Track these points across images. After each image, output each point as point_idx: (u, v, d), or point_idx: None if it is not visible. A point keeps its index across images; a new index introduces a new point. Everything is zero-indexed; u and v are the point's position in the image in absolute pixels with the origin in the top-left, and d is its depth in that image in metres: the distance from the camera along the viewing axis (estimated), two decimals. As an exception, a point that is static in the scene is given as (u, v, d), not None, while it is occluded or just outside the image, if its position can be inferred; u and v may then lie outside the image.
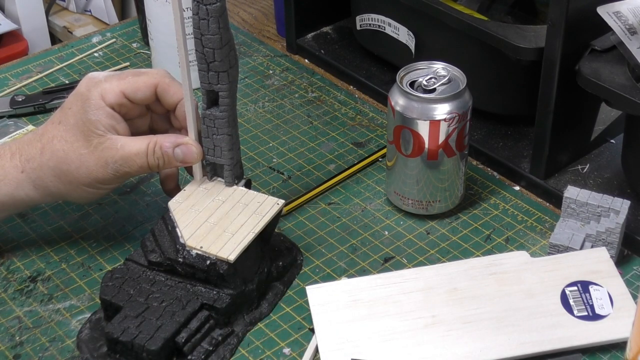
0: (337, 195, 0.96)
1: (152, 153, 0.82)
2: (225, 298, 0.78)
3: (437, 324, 0.78)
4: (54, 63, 1.18)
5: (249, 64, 1.17)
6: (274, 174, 0.99)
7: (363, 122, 1.07)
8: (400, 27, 1.04)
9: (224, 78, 0.79)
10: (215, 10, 0.76)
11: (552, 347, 0.77)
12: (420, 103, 0.86)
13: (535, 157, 0.94)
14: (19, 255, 0.89)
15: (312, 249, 0.89)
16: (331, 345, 0.77)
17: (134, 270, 0.80)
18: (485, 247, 0.89)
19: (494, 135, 1.02)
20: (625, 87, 0.83)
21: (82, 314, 0.82)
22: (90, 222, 0.93)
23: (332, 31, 1.20)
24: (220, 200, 0.83)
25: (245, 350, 0.79)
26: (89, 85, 0.82)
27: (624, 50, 0.85)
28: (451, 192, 0.91)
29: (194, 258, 0.78)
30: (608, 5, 0.85)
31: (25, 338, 0.80)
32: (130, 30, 1.25)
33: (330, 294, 0.82)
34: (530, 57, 0.89)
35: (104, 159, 0.81)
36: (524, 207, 0.94)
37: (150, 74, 0.84)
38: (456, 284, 0.82)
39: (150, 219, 0.93)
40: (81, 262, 0.88)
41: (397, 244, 0.90)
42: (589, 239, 0.85)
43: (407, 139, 0.88)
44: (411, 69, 0.89)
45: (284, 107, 1.09)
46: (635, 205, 0.89)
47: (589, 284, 0.81)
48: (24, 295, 0.85)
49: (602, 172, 0.95)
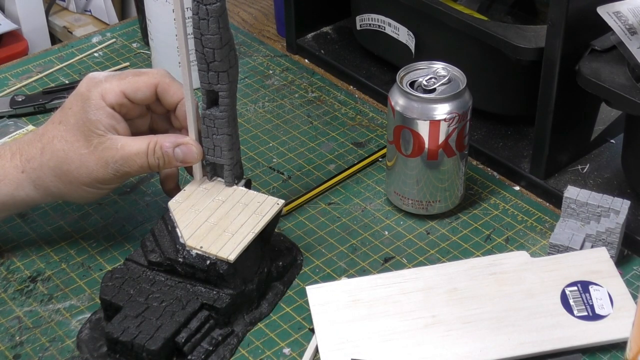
0: (337, 195, 0.96)
1: (152, 153, 0.82)
2: (225, 298, 0.78)
3: (437, 324, 0.78)
4: (54, 63, 1.18)
5: (249, 64, 1.17)
6: (274, 174, 0.99)
7: (363, 122, 1.07)
8: (400, 27, 1.04)
9: (224, 78, 0.79)
10: (215, 10, 0.76)
11: (552, 347, 0.77)
12: (420, 103, 0.86)
13: (535, 157, 0.94)
14: (19, 255, 0.89)
15: (312, 249, 0.89)
16: (331, 345, 0.77)
17: (134, 270, 0.80)
18: (485, 247, 0.89)
19: (494, 135, 1.02)
20: (625, 87, 0.83)
21: (82, 314, 0.82)
22: (90, 222, 0.93)
23: (332, 31, 1.20)
24: (220, 200, 0.83)
25: (245, 350, 0.79)
26: (89, 85, 0.82)
27: (624, 50, 0.85)
28: (451, 192, 0.91)
29: (194, 258, 0.78)
30: (608, 5, 0.85)
31: (25, 338, 0.80)
32: (130, 30, 1.25)
33: (330, 294, 0.82)
34: (530, 57, 0.89)
35: (104, 159, 0.81)
36: (524, 207, 0.94)
37: (150, 74, 0.84)
38: (456, 284, 0.82)
39: (150, 219, 0.93)
40: (81, 262, 0.88)
41: (397, 244, 0.90)
42: (589, 239, 0.85)
43: (407, 139, 0.88)
44: (411, 69, 0.89)
45: (284, 107, 1.09)
46: (635, 205, 0.89)
47: (589, 284, 0.81)
48: (24, 295, 0.85)
49: (602, 172, 0.95)
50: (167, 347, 0.75)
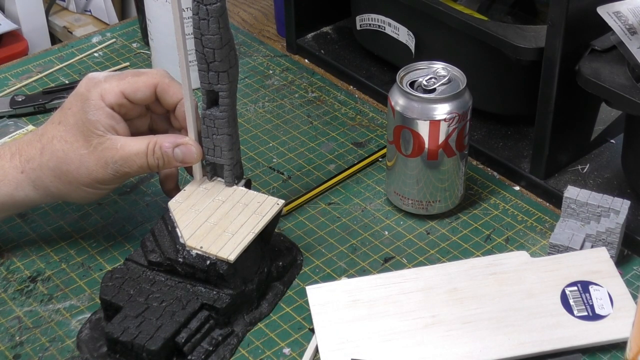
0: (337, 195, 0.96)
1: (152, 153, 0.82)
2: (225, 298, 0.78)
3: (437, 324, 0.78)
4: (54, 63, 1.18)
5: (249, 64, 1.17)
6: (274, 174, 0.99)
7: (363, 122, 1.07)
8: (400, 27, 1.04)
9: (224, 78, 0.79)
10: (215, 11, 0.76)
11: (552, 347, 0.77)
12: (420, 103, 0.86)
13: (535, 157, 0.94)
14: (19, 255, 0.89)
15: (312, 249, 0.89)
16: (331, 345, 0.77)
17: (134, 271, 0.80)
18: (485, 247, 0.89)
19: (494, 135, 1.02)
20: (625, 87, 0.83)
21: (82, 314, 0.82)
22: (90, 222, 0.93)
23: (332, 31, 1.20)
24: (220, 200, 0.83)
25: (245, 350, 0.79)
26: (89, 85, 0.82)
27: (624, 50, 0.85)
28: (451, 192, 0.91)
29: (194, 258, 0.78)
30: (608, 5, 0.85)
31: (25, 338, 0.80)
32: (130, 30, 1.25)
33: (330, 294, 0.82)
34: (530, 57, 0.89)
35: (103, 159, 0.81)
36: (524, 207, 0.94)
37: (149, 74, 0.84)
38: (456, 284, 0.82)
39: (150, 219, 0.93)
40: (81, 262, 0.88)
41: (397, 244, 0.90)
42: (589, 239, 0.85)
43: (407, 139, 0.88)
44: (411, 69, 0.89)
45: (284, 107, 1.09)
46: (635, 205, 0.89)
47: (589, 284, 0.81)
48: (24, 295, 0.85)
49: (602, 172, 0.95)
50: (167, 347, 0.75)
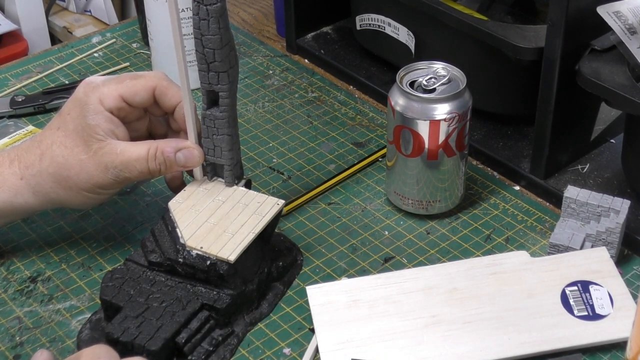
0: (337, 195, 0.96)
1: (153, 158, 0.82)
2: (226, 298, 0.78)
3: (437, 324, 0.79)
4: (54, 63, 1.18)
5: (249, 64, 1.17)
6: (274, 174, 0.99)
7: (363, 122, 1.07)
8: (400, 27, 1.04)
9: (224, 78, 0.80)
10: (215, 11, 0.76)
11: (552, 347, 0.77)
12: (420, 103, 0.86)
13: (535, 157, 0.94)
14: (19, 256, 0.89)
15: (312, 249, 0.89)
16: (331, 345, 0.77)
17: (134, 271, 0.80)
18: (485, 247, 0.89)
19: (494, 135, 1.02)
20: (625, 87, 0.83)
21: (82, 315, 0.82)
22: (90, 222, 0.93)
23: (332, 31, 1.20)
24: (221, 201, 0.83)
25: (245, 351, 0.79)
26: (87, 90, 0.82)
27: (624, 50, 0.85)
28: (451, 192, 0.91)
29: (194, 258, 0.78)
30: (608, 5, 0.85)
31: (26, 338, 0.80)
32: (130, 31, 1.25)
33: (330, 294, 0.82)
34: (530, 57, 0.89)
35: (104, 164, 0.81)
36: (524, 207, 0.94)
37: (148, 76, 0.84)
38: (456, 284, 0.82)
39: (150, 219, 0.93)
40: (81, 262, 0.88)
41: (397, 244, 0.90)
42: (589, 239, 0.85)
43: (407, 139, 0.88)
44: (411, 69, 0.89)
45: (284, 107, 1.09)
46: (635, 205, 0.89)
47: (589, 283, 0.81)
48: (24, 296, 0.85)
49: (602, 172, 0.95)
50: (168, 347, 0.75)
